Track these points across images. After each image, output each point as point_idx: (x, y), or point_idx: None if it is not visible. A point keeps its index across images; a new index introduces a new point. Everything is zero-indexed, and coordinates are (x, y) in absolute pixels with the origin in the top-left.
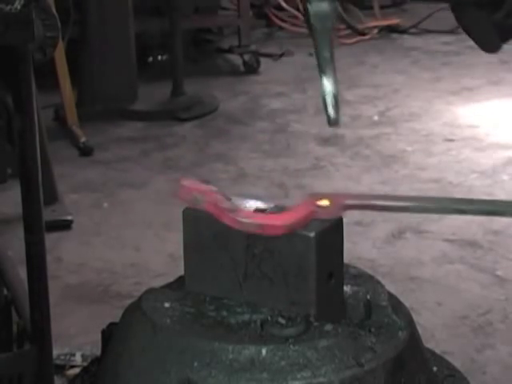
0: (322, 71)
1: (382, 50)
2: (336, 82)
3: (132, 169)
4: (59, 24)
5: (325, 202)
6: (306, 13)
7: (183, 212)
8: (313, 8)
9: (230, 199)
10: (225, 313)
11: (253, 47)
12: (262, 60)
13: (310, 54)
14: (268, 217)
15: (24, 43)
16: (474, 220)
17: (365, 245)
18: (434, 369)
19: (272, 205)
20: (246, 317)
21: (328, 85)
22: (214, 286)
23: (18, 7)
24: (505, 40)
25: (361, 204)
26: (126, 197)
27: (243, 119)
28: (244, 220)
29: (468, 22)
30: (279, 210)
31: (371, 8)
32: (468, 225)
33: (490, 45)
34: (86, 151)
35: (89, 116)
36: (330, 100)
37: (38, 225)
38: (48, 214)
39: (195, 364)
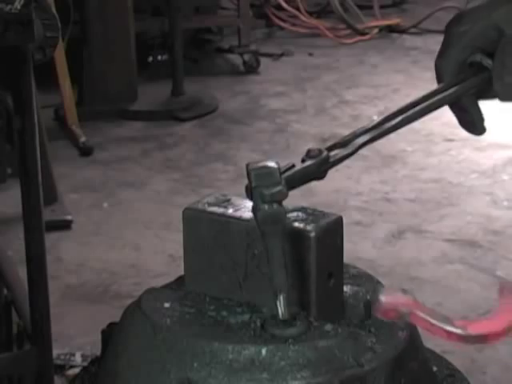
0: (273, 274)
1: (381, 49)
2: (287, 283)
3: (132, 169)
4: (59, 24)
5: None
6: (254, 217)
7: (183, 212)
8: (261, 213)
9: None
10: (225, 313)
11: (253, 47)
12: (262, 60)
13: (310, 54)
14: (484, 325)
15: (24, 43)
16: (474, 220)
17: (365, 245)
18: (434, 369)
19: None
20: (246, 317)
21: (279, 286)
22: (214, 286)
23: (18, 7)
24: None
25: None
26: (125, 197)
27: (243, 119)
28: (464, 333)
29: (457, 109)
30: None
31: (371, 8)
32: (468, 225)
33: (476, 129)
34: (85, 151)
35: (89, 116)
36: (280, 302)
37: (37, 225)
38: (48, 214)
39: (195, 364)
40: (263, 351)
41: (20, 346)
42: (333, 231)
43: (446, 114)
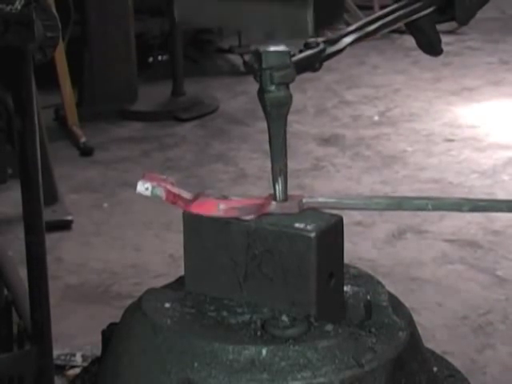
0: (273, 157)
1: (382, 50)
2: (286, 170)
3: (132, 169)
4: (59, 24)
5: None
6: (260, 98)
7: (184, 212)
8: (270, 95)
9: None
10: (225, 313)
11: (253, 47)
12: None
13: None
14: (202, 206)
15: (24, 43)
16: (474, 220)
17: (365, 245)
18: (435, 369)
19: None
20: (247, 317)
21: (279, 172)
22: (215, 287)
23: (19, 7)
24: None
25: (317, 202)
26: (126, 197)
27: (243, 119)
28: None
29: (415, 29)
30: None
31: (371, 8)
32: (468, 225)
33: (433, 49)
34: (86, 151)
35: (89, 116)
36: (279, 187)
37: (38, 225)
38: (48, 215)
39: (195, 364)
40: (263, 351)
41: (20, 346)
42: (333, 232)
43: (446, 115)
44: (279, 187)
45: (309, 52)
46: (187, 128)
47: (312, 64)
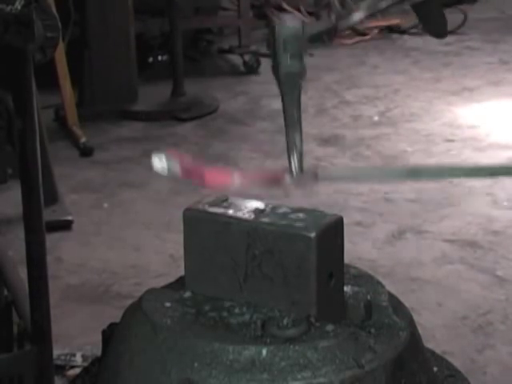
0: (288, 130)
1: (382, 50)
2: (302, 141)
3: (132, 169)
4: (60, 24)
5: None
6: (275, 72)
7: (184, 212)
8: (284, 68)
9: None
10: (225, 313)
11: (253, 47)
12: (263, 60)
13: (310, 55)
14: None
15: (24, 44)
16: (474, 220)
17: (365, 245)
18: (435, 369)
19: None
20: (247, 317)
21: (293, 144)
22: (215, 287)
23: (19, 7)
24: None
25: (332, 174)
26: (126, 197)
27: (243, 119)
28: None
29: (423, 12)
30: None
31: None
32: (468, 225)
33: (439, 32)
34: (86, 151)
35: (89, 116)
36: (294, 160)
37: (38, 225)
38: (48, 215)
39: (195, 364)
40: (264, 351)
41: (20, 346)
42: (333, 232)
43: (446, 115)
44: (294, 160)
45: (320, 25)
46: (187, 128)
47: (321, 37)
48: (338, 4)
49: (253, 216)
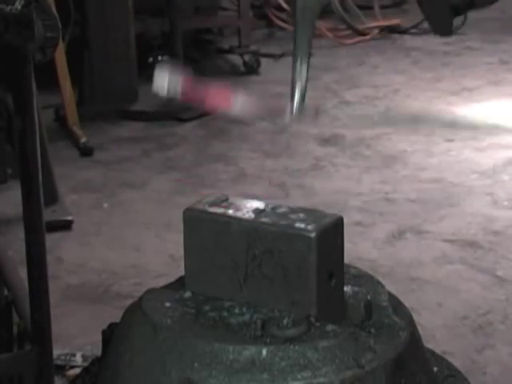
0: (296, 60)
1: (382, 50)
2: (307, 73)
3: (132, 169)
4: (60, 24)
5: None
6: (291, 2)
7: (184, 212)
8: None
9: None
10: (225, 313)
11: (253, 47)
12: (263, 60)
13: (310, 54)
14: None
15: (24, 43)
16: (474, 220)
17: (365, 245)
18: (435, 369)
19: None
20: (247, 317)
21: (299, 75)
22: (215, 287)
23: (19, 7)
24: (461, 14)
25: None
26: (126, 197)
27: (243, 119)
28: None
29: (427, 5)
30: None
31: (371, 8)
32: (468, 225)
33: (444, 29)
34: (86, 151)
35: (89, 116)
36: (297, 90)
37: (38, 225)
38: (48, 215)
39: (195, 364)
40: (264, 352)
41: (20, 346)
42: (333, 231)
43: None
44: (297, 91)
45: None
46: (187, 128)
47: None
48: (340, 6)
49: (253, 216)
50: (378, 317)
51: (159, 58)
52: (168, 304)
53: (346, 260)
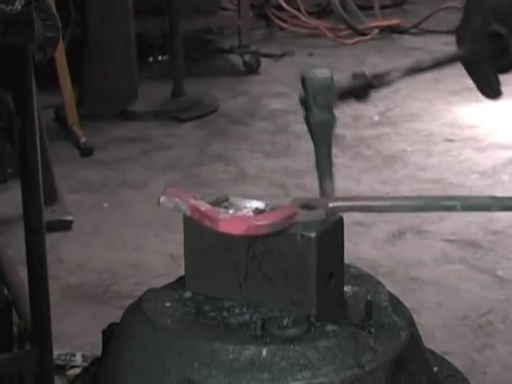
0: (320, 179)
1: (382, 50)
2: (333, 190)
3: (132, 169)
4: (60, 24)
5: (308, 206)
6: (307, 122)
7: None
8: (314, 118)
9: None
10: (225, 313)
11: (253, 47)
12: (263, 60)
13: (310, 55)
14: (249, 217)
15: (24, 43)
16: (474, 220)
17: (365, 245)
18: (435, 369)
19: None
20: (247, 317)
21: (326, 193)
22: (215, 287)
23: (19, 7)
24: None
25: (345, 206)
26: (126, 197)
27: (243, 119)
28: (226, 221)
29: (475, 72)
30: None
31: (372, 8)
32: (468, 225)
33: (492, 92)
34: (86, 151)
35: (89, 116)
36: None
37: (38, 225)
38: (48, 215)
39: (195, 364)
40: (264, 351)
41: (21, 346)
42: (333, 231)
43: (445, 115)
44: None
45: (355, 82)
46: (187, 128)
47: (358, 94)
48: (340, 6)
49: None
50: (378, 317)
51: (159, 57)
52: (168, 304)
53: (346, 260)
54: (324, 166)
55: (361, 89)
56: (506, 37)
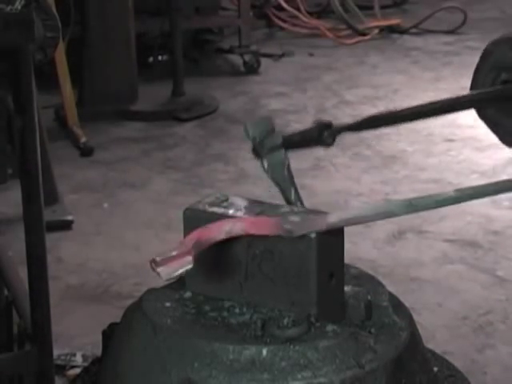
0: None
1: (382, 50)
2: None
3: (132, 169)
4: (60, 24)
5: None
6: (262, 165)
7: (184, 212)
8: (267, 161)
9: None
10: (225, 313)
11: (253, 47)
12: (263, 60)
13: (310, 55)
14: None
15: (24, 43)
16: (474, 220)
17: (365, 245)
18: (435, 369)
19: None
20: (247, 317)
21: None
22: (215, 287)
23: (19, 7)
24: None
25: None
26: (126, 197)
27: (243, 119)
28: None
29: (490, 121)
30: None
31: (372, 8)
32: (468, 225)
33: (508, 137)
34: (86, 151)
35: (89, 116)
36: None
37: (38, 225)
38: (48, 215)
39: (196, 364)
40: (264, 351)
41: (21, 346)
42: (334, 232)
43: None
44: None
45: (312, 127)
46: (187, 128)
47: (316, 138)
48: (340, 6)
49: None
50: (378, 317)
51: (159, 57)
52: (168, 304)
53: (346, 260)
54: (292, 203)
55: (316, 134)
56: None
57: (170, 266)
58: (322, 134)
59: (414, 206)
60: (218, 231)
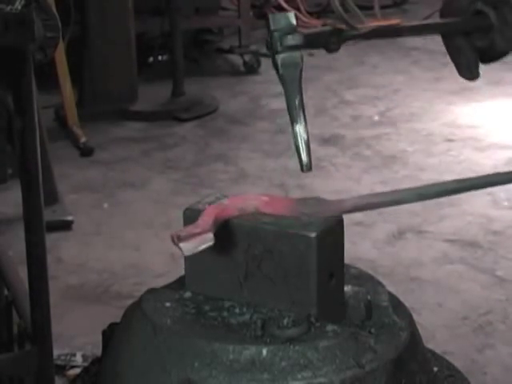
0: (292, 119)
1: (382, 50)
2: (307, 128)
3: (132, 169)
4: (60, 24)
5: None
6: (274, 62)
7: (184, 212)
8: (281, 58)
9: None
10: (225, 313)
11: (253, 47)
12: (263, 60)
13: (310, 54)
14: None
15: (24, 43)
16: (474, 220)
17: (365, 245)
18: (435, 369)
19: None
20: (247, 317)
21: (299, 132)
22: (215, 287)
23: (19, 7)
24: (487, 62)
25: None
26: (126, 197)
27: (243, 119)
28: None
29: (454, 49)
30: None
31: (372, 8)
32: (468, 225)
33: (469, 72)
34: (86, 151)
35: (89, 116)
36: (302, 146)
37: (38, 225)
38: (48, 215)
39: (196, 364)
40: (264, 351)
41: (21, 347)
42: (334, 232)
43: (445, 115)
44: (303, 153)
45: (322, 29)
46: (187, 128)
47: (326, 43)
48: (340, 6)
49: (253, 216)
50: (378, 317)
51: (159, 57)
52: (168, 304)
53: (346, 260)
54: (294, 111)
55: (328, 36)
56: (489, 16)
57: (192, 241)
58: (330, 40)
59: (424, 194)
60: (233, 208)
